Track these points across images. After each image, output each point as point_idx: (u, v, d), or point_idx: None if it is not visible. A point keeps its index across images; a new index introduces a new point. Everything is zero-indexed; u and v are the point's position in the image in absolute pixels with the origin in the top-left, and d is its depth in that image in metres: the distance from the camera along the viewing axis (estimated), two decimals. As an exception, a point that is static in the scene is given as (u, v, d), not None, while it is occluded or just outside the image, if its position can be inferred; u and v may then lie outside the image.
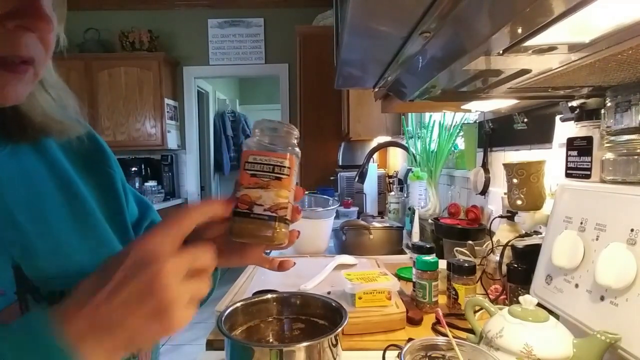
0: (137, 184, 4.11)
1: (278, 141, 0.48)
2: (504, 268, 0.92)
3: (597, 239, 0.63)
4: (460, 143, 1.80)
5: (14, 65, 0.41)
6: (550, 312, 0.65)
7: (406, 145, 2.18)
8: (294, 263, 0.56)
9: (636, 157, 0.64)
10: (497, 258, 0.97)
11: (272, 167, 0.46)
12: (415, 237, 1.67)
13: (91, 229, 0.54)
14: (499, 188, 1.34)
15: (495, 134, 1.39)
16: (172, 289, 0.36)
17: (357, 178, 2.20)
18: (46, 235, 0.48)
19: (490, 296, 0.95)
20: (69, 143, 0.55)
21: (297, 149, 0.49)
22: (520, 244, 0.91)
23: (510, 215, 1.08)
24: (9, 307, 0.41)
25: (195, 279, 0.39)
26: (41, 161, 0.52)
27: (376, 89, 1.07)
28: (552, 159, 0.93)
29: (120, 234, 0.58)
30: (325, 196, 1.84)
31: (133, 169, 4.15)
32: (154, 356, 0.57)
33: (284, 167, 0.46)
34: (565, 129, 0.87)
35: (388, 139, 2.57)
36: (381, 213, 2.41)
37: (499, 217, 1.14)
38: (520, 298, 0.64)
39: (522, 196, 0.93)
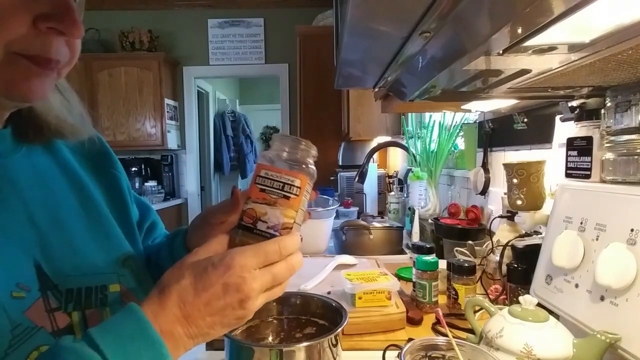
0: (137, 184, 4.10)
1: (293, 158, 0.47)
2: (504, 268, 0.92)
3: (597, 239, 0.63)
4: (460, 143, 1.80)
5: (43, 61, 0.42)
6: (550, 312, 0.65)
7: (406, 145, 2.18)
8: None
9: (636, 157, 0.64)
10: (497, 258, 0.96)
11: (282, 185, 0.45)
12: (415, 237, 1.67)
13: (103, 229, 0.56)
14: (499, 188, 1.34)
15: (495, 134, 1.39)
16: (253, 308, 0.43)
17: (357, 178, 2.20)
18: (62, 235, 0.50)
19: (490, 296, 0.95)
20: (77, 146, 0.58)
21: (313, 168, 0.48)
22: (520, 244, 0.91)
23: (510, 215, 1.08)
24: (36, 303, 0.44)
25: (273, 289, 0.45)
26: (54, 163, 0.55)
27: (376, 89, 1.07)
28: (552, 159, 0.93)
29: (127, 234, 0.60)
30: (325, 196, 1.84)
31: (133, 169, 4.14)
32: None
33: (294, 186, 0.45)
34: (565, 129, 0.86)
35: (388, 139, 2.57)
36: (381, 213, 2.41)
37: (499, 217, 1.14)
38: (520, 298, 0.64)
39: (522, 196, 0.93)
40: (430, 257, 0.99)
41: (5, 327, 0.41)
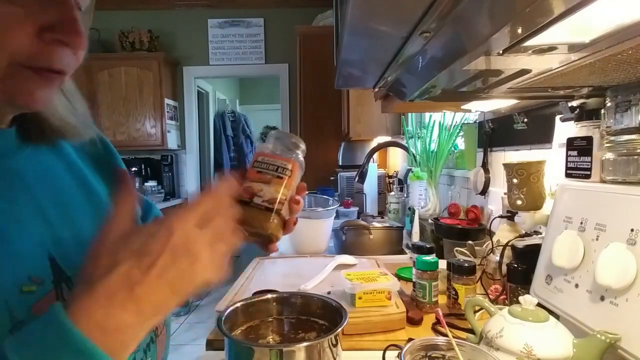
0: (137, 184, 4.10)
1: (286, 149, 0.55)
2: (504, 268, 0.92)
3: (597, 239, 0.63)
4: (460, 143, 1.80)
5: (47, 72, 0.42)
6: (550, 312, 0.65)
7: (406, 145, 2.18)
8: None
9: (636, 157, 0.64)
10: (497, 258, 0.97)
11: (275, 167, 0.53)
12: (415, 237, 1.67)
13: None
14: (499, 188, 1.34)
15: (495, 134, 1.39)
16: (204, 266, 0.40)
17: (357, 178, 2.20)
18: (73, 230, 0.51)
19: (490, 296, 0.95)
20: (81, 145, 0.59)
21: (302, 159, 0.56)
22: (520, 244, 0.91)
23: (510, 215, 1.08)
24: (47, 295, 0.45)
25: (217, 245, 0.42)
26: (59, 162, 0.55)
27: (376, 89, 1.07)
28: (552, 159, 0.93)
29: None
30: (325, 196, 1.84)
31: (133, 169, 4.15)
32: (164, 354, 0.58)
33: (286, 169, 0.53)
34: (565, 129, 0.87)
35: (388, 139, 2.57)
36: (381, 213, 2.41)
37: (499, 217, 1.14)
38: (520, 298, 0.64)
39: (522, 196, 0.93)
40: (430, 257, 0.99)
41: (4, 326, 0.40)
